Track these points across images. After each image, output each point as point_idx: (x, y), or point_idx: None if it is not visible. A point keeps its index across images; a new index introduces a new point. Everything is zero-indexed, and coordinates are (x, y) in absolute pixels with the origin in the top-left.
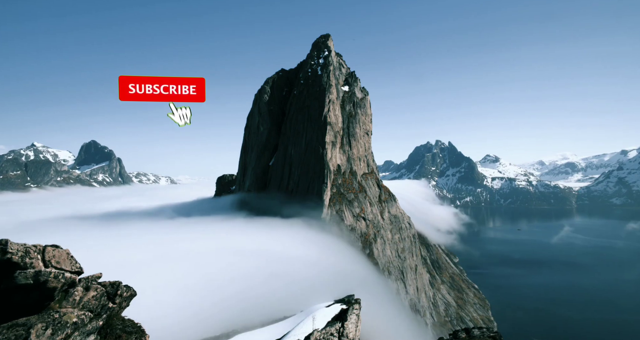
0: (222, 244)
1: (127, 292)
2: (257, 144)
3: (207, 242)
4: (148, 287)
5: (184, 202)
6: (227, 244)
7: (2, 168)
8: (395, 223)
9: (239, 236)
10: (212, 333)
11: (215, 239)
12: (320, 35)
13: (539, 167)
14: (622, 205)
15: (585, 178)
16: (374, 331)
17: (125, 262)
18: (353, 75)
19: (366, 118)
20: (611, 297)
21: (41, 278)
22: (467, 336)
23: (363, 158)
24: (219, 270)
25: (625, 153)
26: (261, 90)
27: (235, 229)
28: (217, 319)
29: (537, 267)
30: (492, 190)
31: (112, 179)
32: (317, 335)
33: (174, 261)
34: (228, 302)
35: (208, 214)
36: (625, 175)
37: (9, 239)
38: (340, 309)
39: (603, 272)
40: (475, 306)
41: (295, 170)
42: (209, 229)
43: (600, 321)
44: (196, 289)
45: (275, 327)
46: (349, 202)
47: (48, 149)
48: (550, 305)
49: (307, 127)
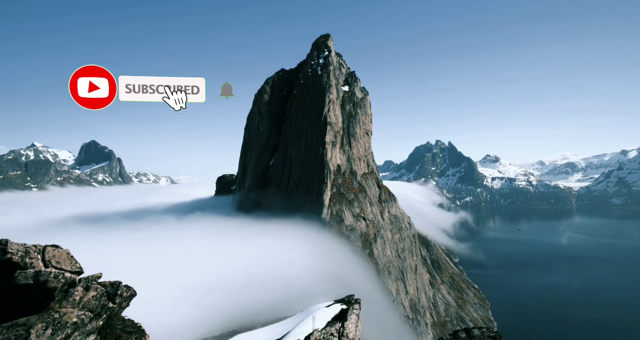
0: (222, 245)
1: (127, 292)
2: (257, 144)
3: (208, 243)
4: (148, 287)
5: (184, 203)
6: (227, 244)
7: (2, 168)
8: (395, 223)
9: (239, 237)
10: (212, 333)
11: (216, 239)
12: (320, 35)
13: (539, 167)
14: (622, 205)
15: (585, 178)
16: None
17: (125, 262)
18: (353, 75)
19: (366, 118)
20: (611, 297)
21: (41, 278)
22: (467, 336)
23: (363, 158)
24: (219, 271)
25: (625, 153)
26: (261, 90)
27: (235, 230)
28: (217, 319)
29: (537, 267)
30: (492, 190)
31: (112, 179)
32: (317, 335)
33: (174, 261)
34: (228, 302)
35: (208, 214)
36: (625, 175)
37: (8, 239)
38: (340, 309)
39: (603, 272)
40: (475, 306)
41: (295, 170)
42: (209, 229)
43: (600, 321)
44: (196, 289)
45: (275, 327)
46: (349, 202)
47: (48, 149)
48: (551, 305)
49: (307, 127)
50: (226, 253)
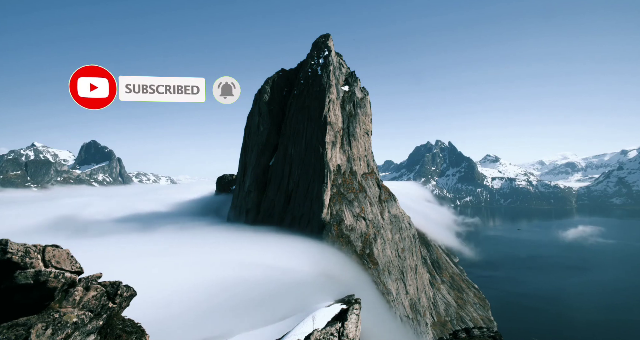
0: (222, 246)
1: (127, 292)
2: (257, 143)
3: (208, 244)
4: (149, 287)
5: (184, 202)
6: (227, 245)
7: (2, 168)
8: (395, 223)
9: (238, 237)
10: (213, 333)
11: (216, 241)
12: (320, 35)
13: (539, 167)
14: (622, 205)
15: (585, 178)
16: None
17: (126, 262)
18: (353, 75)
19: (366, 118)
20: (612, 296)
21: (41, 278)
22: (467, 336)
23: (363, 158)
24: (219, 271)
25: (626, 153)
26: (261, 90)
27: (235, 230)
28: (217, 319)
29: (538, 267)
30: (492, 190)
31: (112, 179)
32: (317, 335)
33: (174, 262)
34: (228, 302)
35: (209, 214)
36: (625, 175)
37: (9, 239)
38: (340, 309)
39: (603, 272)
40: (475, 306)
41: (295, 170)
42: (209, 229)
43: (600, 321)
44: (197, 289)
45: (275, 327)
46: (349, 202)
47: (48, 149)
48: (551, 305)
49: (307, 127)
50: (226, 253)
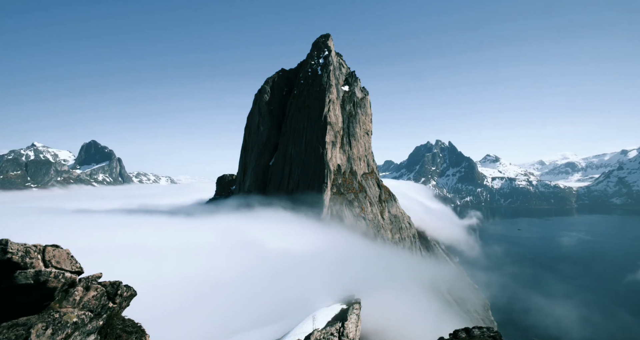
0: (222, 246)
1: (127, 292)
2: (257, 143)
3: (208, 243)
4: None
5: (184, 202)
6: (227, 245)
7: (2, 168)
8: (396, 223)
9: (239, 237)
10: (213, 332)
11: (216, 240)
12: (320, 35)
13: (539, 167)
14: (622, 205)
15: (585, 178)
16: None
17: (126, 262)
18: (353, 75)
19: (366, 118)
20: (612, 296)
21: (41, 278)
22: (467, 336)
23: (363, 158)
24: (219, 272)
25: (626, 153)
26: (261, 90)
27: (235, 231)
28: (217, 319)
29: (538, 267)
30: (492, 190)
31: (112, 179)
32: (317, 335)
33: (175, 262)
34: (229, 302)
35: (209, 215)
36: (625, 175)
37: (9, 239)
38: (340, 309)
39: (604, 272)
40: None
41: (295, 170)
42: (209, 230)
43: (600, 321)
44: (197, 289)
45: (275, 327)
46: (349, 202)
47: (48, 149)
48: (551, 305)
49: (307, 127)
50: (227, 255)
